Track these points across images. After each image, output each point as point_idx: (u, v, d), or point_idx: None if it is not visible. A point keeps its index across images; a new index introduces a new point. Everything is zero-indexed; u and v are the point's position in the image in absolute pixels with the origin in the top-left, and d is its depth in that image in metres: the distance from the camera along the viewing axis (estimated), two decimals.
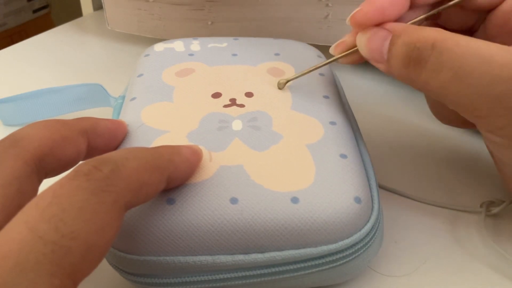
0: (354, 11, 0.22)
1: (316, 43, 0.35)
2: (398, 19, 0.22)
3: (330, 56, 0.24)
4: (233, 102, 0.23)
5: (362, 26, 0.22)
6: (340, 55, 0.23)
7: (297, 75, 0.24)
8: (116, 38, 0.44)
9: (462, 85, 0.19)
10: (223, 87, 0.24)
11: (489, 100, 0.19)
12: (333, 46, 0.24)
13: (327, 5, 0.35)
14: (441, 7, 0.23)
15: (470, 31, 0.25)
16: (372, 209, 0.20)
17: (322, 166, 0.20)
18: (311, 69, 0.25)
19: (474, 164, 0.29)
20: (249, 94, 0.24)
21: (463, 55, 0.19)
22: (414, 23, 0.22)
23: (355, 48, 0.22)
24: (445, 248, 0.23)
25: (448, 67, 0.19)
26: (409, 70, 0.20)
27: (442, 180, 0.28)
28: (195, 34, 0.38)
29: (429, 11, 0.23)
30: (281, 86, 0.24)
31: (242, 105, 0.23)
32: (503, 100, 0.19)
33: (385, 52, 0.21)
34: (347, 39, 0.23)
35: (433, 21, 0.25)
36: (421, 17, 0.22)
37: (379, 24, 0.21)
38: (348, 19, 0.22)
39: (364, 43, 0.22)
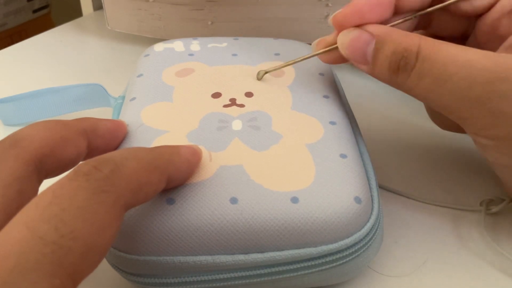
0: (336, 12, 0.22)
1: None
2: (382, 23, 0.22)
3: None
4: (233, 102, 0.23)
5: (342, 27, 0.22)
6: (320, 51, 0.24)
7: (276, 67, 0.25)
8: (116, 38, 0.44)
9: (443, 90, 0.20)
10: (223, 87, 0.24)
11: (470, 103, 0.20)
12: (314, 42, 0.24)
13: (327, 5, 0.35)
14: (420, 12, 0.23)
15: (462, 39, 0.25)
16: (372, 209, 0.20)
17: (322, 166, 0.20)
18: (289, 63, 0.25)
19: (473, 163, 0.29)
20: (249, 94, 0.24)
21: (443, 61, 0.20)
22: (394, 26, 0.22)
23: (335, 46, 0.23)
24: (445, 248, 0.23)
25: (429, 73, 0.20)
26: (396, 76, 0.21)
27: (442, 179, 0.28)
28: (195, 34, 0.38)
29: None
30: (259, 76, 0.25)
31: (242, 105, 0.23)
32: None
33: (369, 56, 0.22)
34: (328, 37, 0.24)
35: (425, 29, 0.25)
36: (400, 21, 0.23)
37: (359, 25, 0.22)
38: (330, 19, 0.23)
39: (346, 44, 0.22)
